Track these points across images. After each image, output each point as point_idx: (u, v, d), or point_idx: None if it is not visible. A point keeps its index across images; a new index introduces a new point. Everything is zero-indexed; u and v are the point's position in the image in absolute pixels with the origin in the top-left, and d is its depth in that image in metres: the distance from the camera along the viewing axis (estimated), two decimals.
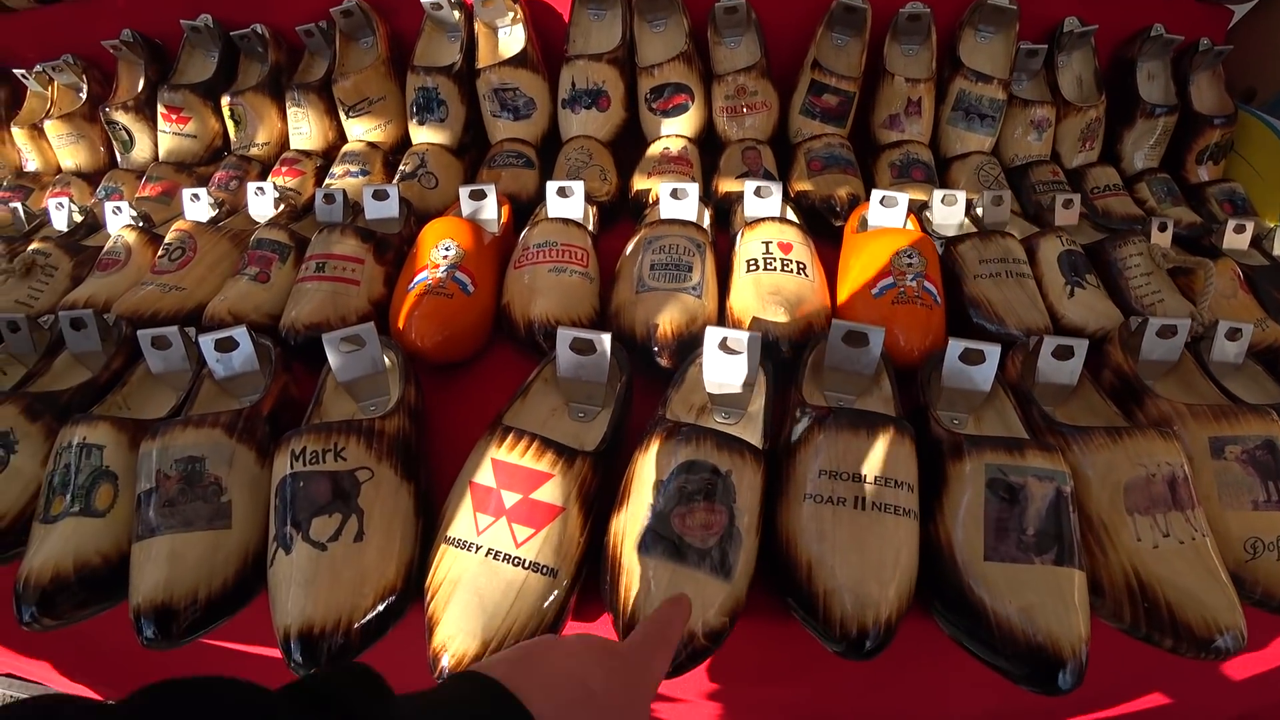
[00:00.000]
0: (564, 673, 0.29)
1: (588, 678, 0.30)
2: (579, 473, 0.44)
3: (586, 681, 0.29)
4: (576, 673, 0.30)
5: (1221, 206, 0.93)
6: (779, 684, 0.55)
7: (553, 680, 0.29)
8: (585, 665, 0.30)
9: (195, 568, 0.45)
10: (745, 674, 0.54)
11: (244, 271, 0.69)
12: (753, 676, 0.54)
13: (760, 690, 0.56)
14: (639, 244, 0.65)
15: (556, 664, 0.30)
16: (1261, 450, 0.52)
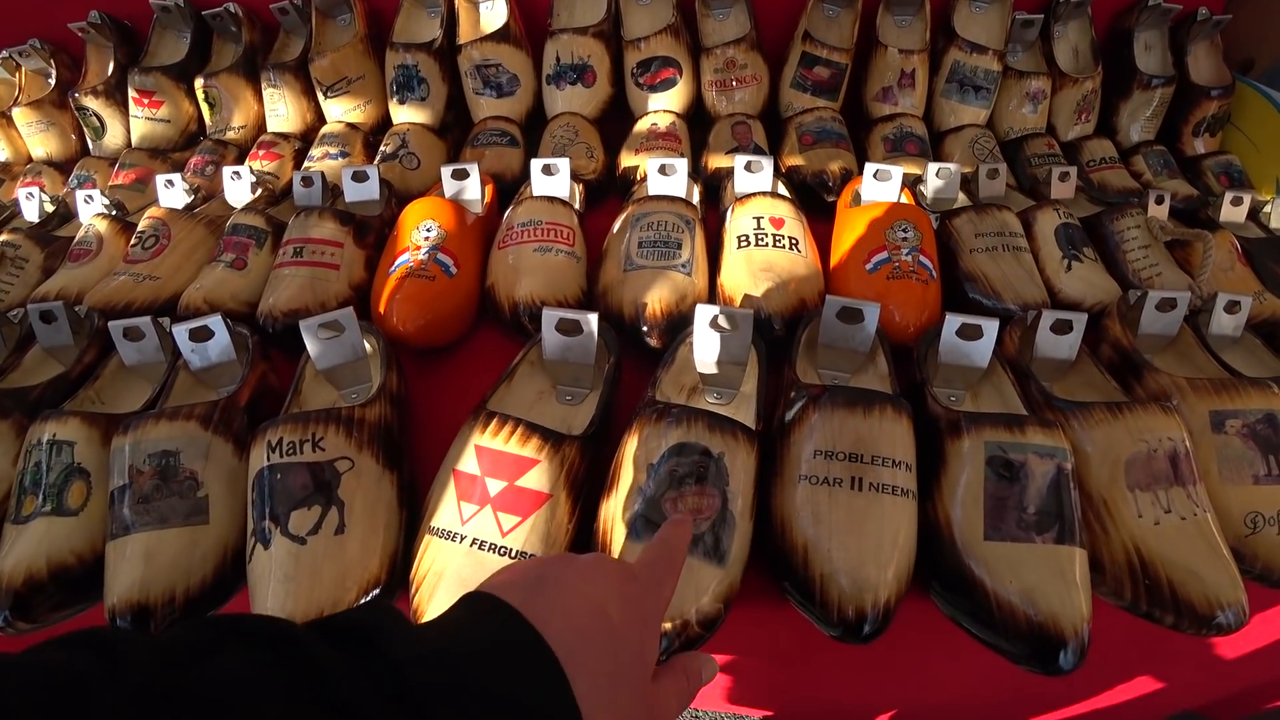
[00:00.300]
0: (582, 599, 0.28)
1: (606, 604, 0.28)
2: (566, 458, 0.43)
3: (604, 608, 0.28)
4: (594, 599, 0.28)
5: (1218, 179, 0.92)
6: (774, 668, 0.54)
7: (571, 610, 0.27)
8: (602, 591, 0.29)
9: (172, 566, 0.43)
10: (740, 659, 0.53)
11: (220, 258, 0.67)
12: (748, 661, 0.53)
13: (755, 674, 0.55)
14: (626, 221, 0.63)
15: (573, 589, 0.28)
16: (1262, 424, 0.51)
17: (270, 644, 0.23)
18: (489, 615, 0.27)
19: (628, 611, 0.29)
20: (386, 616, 0.25)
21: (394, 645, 0.23)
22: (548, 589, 0.28)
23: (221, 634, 0.23)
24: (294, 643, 0.23)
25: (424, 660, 0.23)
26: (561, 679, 0.25)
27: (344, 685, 0.21)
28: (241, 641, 0.23)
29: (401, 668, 0.22)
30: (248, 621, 0.24)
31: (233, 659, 0.22)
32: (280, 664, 0.22)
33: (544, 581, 0.29)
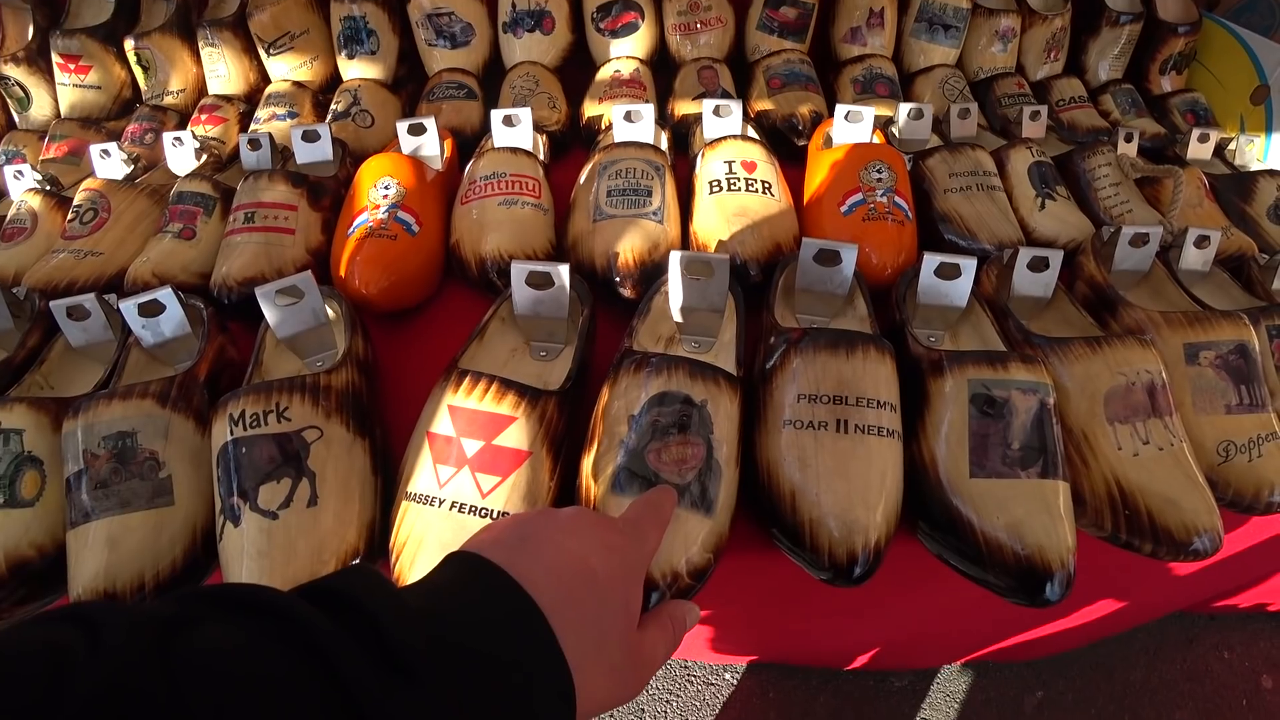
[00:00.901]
0: (565, 554, 0.28)
1: (589, 557, 0.29)
2: (544, 414, 0.41)
3: (588, 561, 0.28)
4: (577, 553, 0.28)
5: (1184, 117, 0.93)
6: (762, 615, 0.54)
7: (555, 565, 0.28)
8: (585, 544, 0.29)
9: (138, 551, 0.42)
10: (728, 608, 0.53)
11: (166, 229, 0.64)
12: (735, 610, 0.53)
13: (743, 622, 0.55)
14: (594, 170, 0.60)
15: (557, 544, 0.28)
16: (1234, 355, 0.52)
17: (255, 611, 0.22)
18: (474, 574, 0.27)
19: (611, 563, 0.29)
20: (370, 579, 0.25)
21: (379, 607, 0.23)
22: (530, 545, 0.28)
23: (205, 604, 0.23)
24: (279, 608, 0.22)
25: (410, 621, 0.23)
26: (549, 634, 0.25)
27: (333, 648, 0.21)
28: (226, 610, 0.22)
29: (388, 629, 0.22)
30: (231, 590, 0.23)
31: (218, 628, 0.21)
32: (267, 630, 0.21)
33: (526, 538, 0.29)
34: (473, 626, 0.25)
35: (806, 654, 0.65)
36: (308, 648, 0.21)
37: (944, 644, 0.72)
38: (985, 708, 1.02)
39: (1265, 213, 0.75)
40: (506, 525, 0.30)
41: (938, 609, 0.61)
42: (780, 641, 0.61)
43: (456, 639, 0.24)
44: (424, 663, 0.22)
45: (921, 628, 0.67)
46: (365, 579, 0.24)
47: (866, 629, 0.67)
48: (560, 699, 0.26)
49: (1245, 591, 0.93)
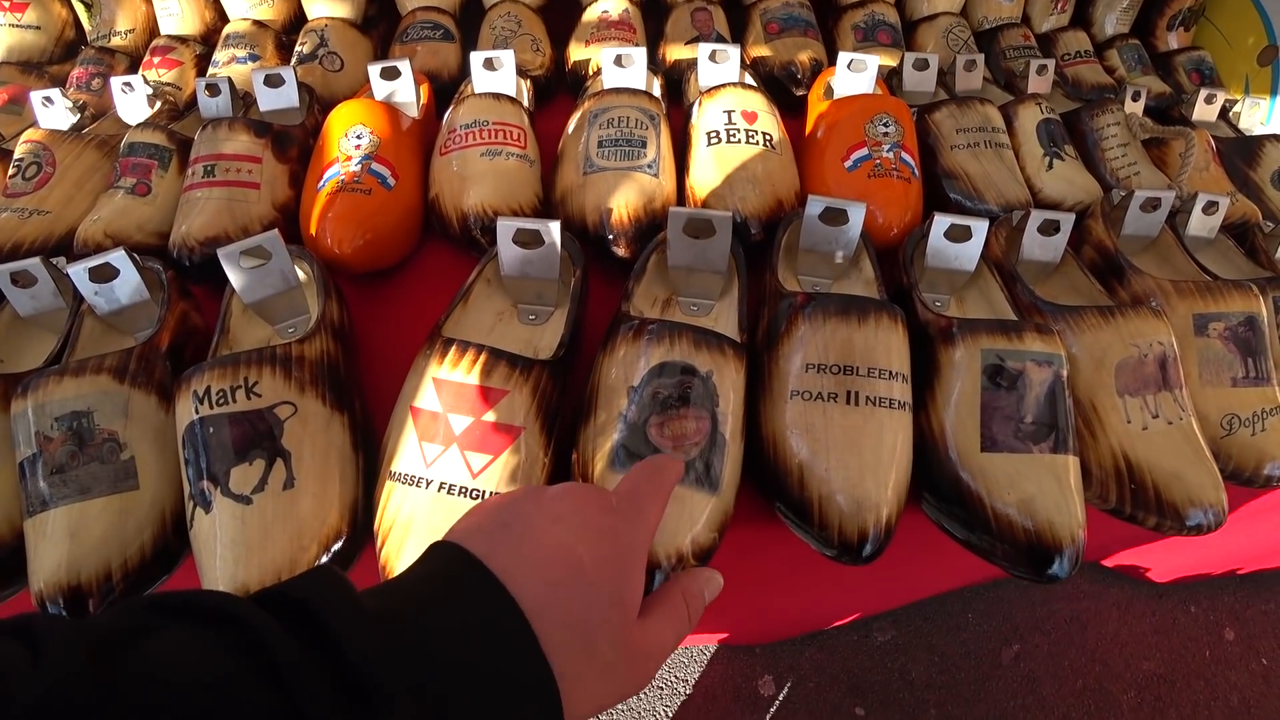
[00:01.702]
0: (551, 544, 0.26)
1: (576, 545, 0.26)
2: (536, 385, 0.38)
3: (575, 551, 0.26)
4: (565, 543, 0.26)
5: (1189, 76, 0.90)
6: (762, 591, 0.53)
7: (539, 558, 0.26)
8: (573, 531, 0.27)
9: (103, 540, 0.39)
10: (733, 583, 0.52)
11: (118, 184, 0.58)
12: (739, 584, 0.52)
13: (742, 599, 0.54)
14: (583, 118, 0.56)
15: (542, 532, 0.26)
16: (1243, 327, 0.51)
17: (203, 620, 0.21)
18: (450, 570, 0.25)
19: (602, 550, 0.27)
20: (330, 585, 0.23)
21: (338, 617, 0.21)
22: (514, 533, 0.26)
23: (151, 613, 0.22)
24: (229, 617, 0.21)
25: (371, 631, 0.21)
26: (529, 636, 0.24)
27: (283, 661, 0.20)
28: (172, 619, 0.22)
29: (346, 641, 0.21)
30: (179, 598, 0.22)
31: (163, 638, 0.20)
32: (214, 640, 0.21)
33: (509, 526, 0.27)
34: (445, 632, 0.23)
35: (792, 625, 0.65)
36: (257, 660, 0.20)
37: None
38: (965, 660, 1.05)
39: (1270, 178, 0.73)
40: (490, 509, 0.28)
41: (938, 578, 0.61)
42: (767, 617, 0.60)
43: (425, 647, 0.22)
44: (384, 676, 0.20)
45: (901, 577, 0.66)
46: (326, 585, 0.23)
47: (854, 593, 0.67)
48: (542, 708, 0.24)
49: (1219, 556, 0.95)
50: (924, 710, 1.00)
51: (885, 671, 1.03)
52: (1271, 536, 0.77)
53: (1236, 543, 0.79)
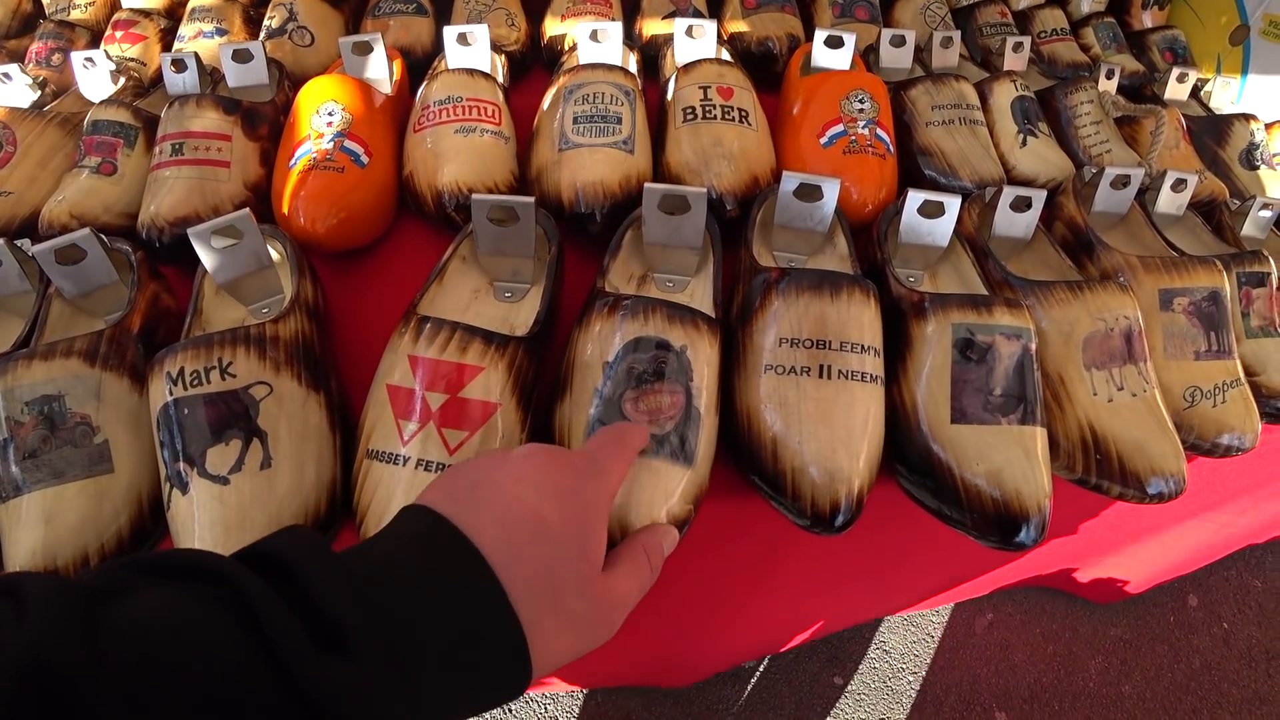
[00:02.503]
0: (516, 501, 0.27)
1: (542, 503, 0.28)
2: (512, 362, 0.39)
3: (540, 508, 0.27)
4: (530, 501, 0.27)
5: (1163, 55, 0.91)
6: (740, 564, 0.54)
7: (504, 513, 0.27)
8: (538, 490, 0.28)
9: (79, 525, 0.38)
10: (708, 554, 0.52)
11: (83, 163, 0.57)
12: (715, 555, 0.53)
13: (721, 565, 0.55)
14: (558, 95, 0.56)
15: (507, 491, 0.28)
16: (1207, 301, 0.52)
17: (186, 576, 0.22)
18: (419, 529, 0.26)
19: (565, 506, 0.28)
20: (303, 540, 0.24)
21: (312, 569, 0.22)
22: (480, 493, 0.27)
23: (135, 572, 0.22)
24: (211, 572, 0.22)
25: (345, 584, 0.22)
26: (498, 590, 0.25)
27: (264, 612, 0.20)
28: (156, 577, 0.22)
29: (321, 593, 0.21)
30: (162, 556, 0.23)
31: (147, 595, 0.21)
32: (196, 595, 0.21)
33: (476, 487, 0.28)
34: (415, 584, 0.24)
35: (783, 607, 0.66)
36: (239, 612, 0.20)
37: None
38: (940, 630, 1.08)
39: (1238, 157, 0.75)
40: (458, 472, 0.29)
41: (915, 554, 0.62)
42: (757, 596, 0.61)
43: (395, 600, 0.23)
44: (358, 625, 0.21)
45: (896, 575, 0.68)
46: (299, 541, 0.23)
47: (842, 574, 0.68)
48: (513, 655, 0.25)
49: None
50: (900, 678, 1.03)
51: (863, 642, 1.06)
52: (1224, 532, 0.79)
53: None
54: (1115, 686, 1.03)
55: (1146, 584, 0.94)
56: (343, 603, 0.21)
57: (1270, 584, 1.16)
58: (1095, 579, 0.94)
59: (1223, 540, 0.82)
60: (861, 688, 1.01)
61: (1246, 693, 1.04)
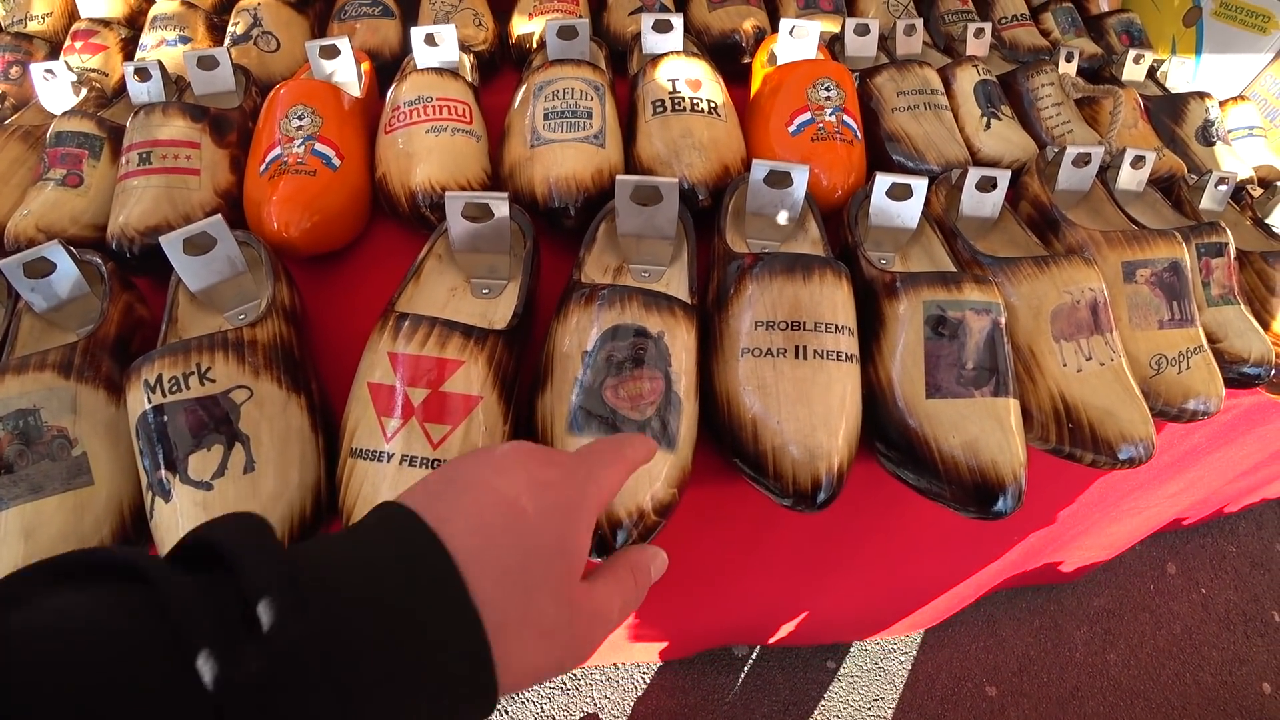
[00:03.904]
0: (491, 493, 0.25)
1: (520, 495, 0.25)
2: (492, 355, 0.39)
3: (518, 500, 0.25)
4: (507, 492, 0.25)
5: (1119, 38, 0.93)
6: (724, 546, 0.55)
7: (479, 504, 0.25)
8: (517, 481, 0.26)
9: (59, 539, 0.38)
10: (693, 538, 0.53)
11: (47, 176, 0.56)
12: (699, 536, 0.53)
13: (706, 548, 0.56)
14: (528, 92, 0.56)
15: (483, 483, 0.26)
16: (1168, 272, 0.53)
17: (96, 574, 0.20)
18: (380, 522, 0.24)
19: (544, 499, 0.26)
20: (243, 525, 0.22)
21: (243, 553, 0.20)
22: (455, 487, 0.25)
23: (44, 575, 0.20)
24: (124, 568, 0.20)
25: (276, 566, 0.20)
26: (457, 584, 0.22)
27: (180, 607, 0.19)
28: (65, 578, 0.20)
29: (246, 574, 0.20)
30: (71, 557, 0.21)
31: (56, 598, 0.19)
32: (106, 595, 0.19)
33: (452, 480, 0.26)
34: (365, 580, 0.22)
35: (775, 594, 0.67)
36: (152, 608, 0.19)
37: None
38: None
39: (1194, 134, 0.77)
40: (439, 470, 0.27)
41: (901, 530, 0.63)
42: (742, 582, 0.62)
43: (338, 592, 0.21)
44: (280, 610, 0.19)
45: (886, 552, 0.69)
46: (238, 526, 0.22)
47: (830, 552, 0.69)
48: (472, 660, 0.22)
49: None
50: (892, 659, 1.04)
51: None
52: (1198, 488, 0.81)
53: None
54: (1101, 655, 1.06)
55: (1118, 551, 0.96)
56: (267, 590, 0.19)
57: (1244, 548, 1.20)
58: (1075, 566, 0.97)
59: (1190, 505, 0.84)
60: (854, 670, 1.03)
61: (1226, 654, 1.07)
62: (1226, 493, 0.95)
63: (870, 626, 0.93)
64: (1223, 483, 0.85)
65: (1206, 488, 0.84)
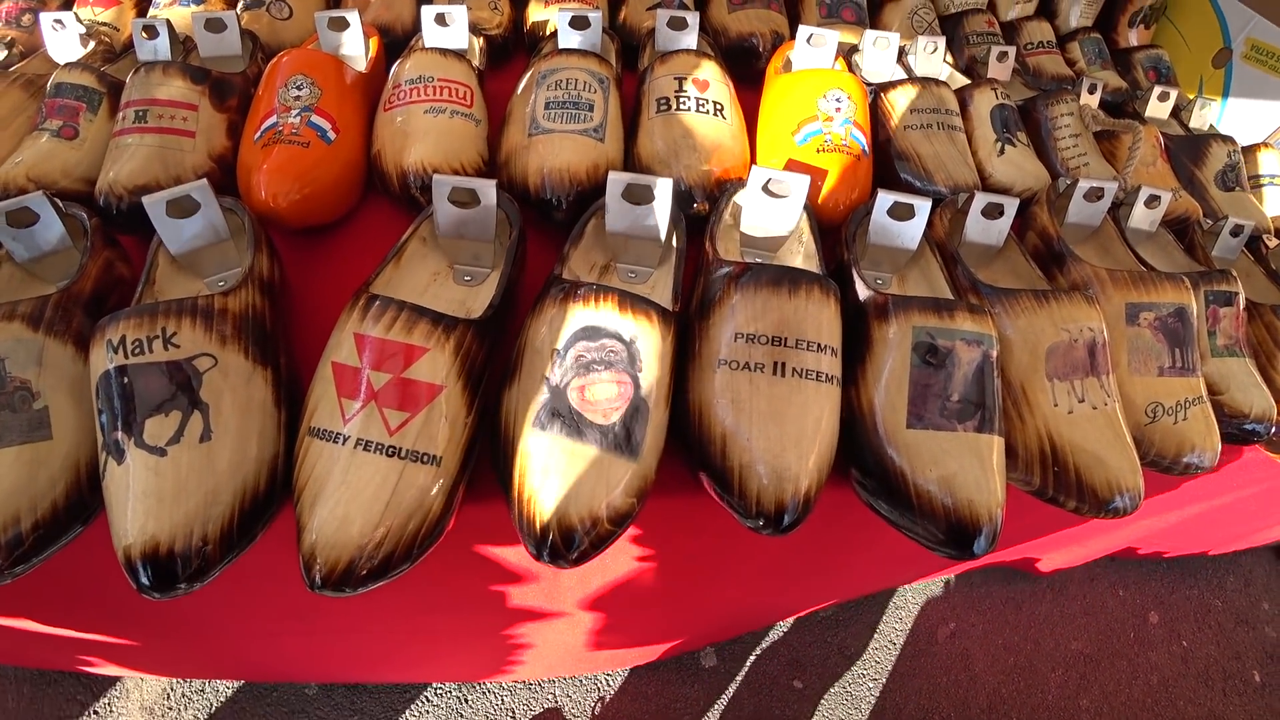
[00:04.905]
0: None
1: None
2: (460, 344, 0.38)
3: None
4: None
5: (1146, 73, 0.92)
6: (691, 556, 0.54)
7: None
8: None
9: (12, 493, 0.37)
10: (657, 550, 0.52)
11: (44, 126, 0.56)
12: (665, 552, 0.52)
13: (672, 562, 0.55)
14: (532, 79, 0.55)
15: None
16: (1172, 318, 0.52)
17: None
18: None
19: None
20: None
21: None
22: None
23: None
24: None
25: None
26: None
27: None
28: None
29: None
30: None
31: None
32: None
33: None
34: None
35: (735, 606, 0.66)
36: None
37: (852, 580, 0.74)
38: (902, 636, 1.08)
39: (1214, 178, 0.75)
40: None
41: (870, 560, 0.62)
42: (707, 595, 0.61)
43: None
44: None
45: (849, 577, 0.68)
46: None
47: (798, 576, 0.68)
48: None
49: (1149, 538, 0.99)
50: (860, 684, 1.03)
51: (824, 646, 1.06)
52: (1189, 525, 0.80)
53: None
54: (1073, 700, 1.04)
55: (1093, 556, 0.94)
56: None
57: (1230, 604, 1.18)
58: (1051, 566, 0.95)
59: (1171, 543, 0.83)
60: (821, 692, 1.01)
61: (1202, 711, 1.05)
62: (1211, 537, 0.93)
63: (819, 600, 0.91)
64: (1207, 528, 0.83)
65: (1189, 531, 0.83)
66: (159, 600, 0.36)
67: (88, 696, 0.96)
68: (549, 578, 0.56)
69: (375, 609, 0.65)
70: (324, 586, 0.34)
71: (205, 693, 0.97)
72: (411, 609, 0.65)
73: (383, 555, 0.35)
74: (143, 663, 0.85)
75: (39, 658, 0.84)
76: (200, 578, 0.36)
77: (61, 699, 0.96)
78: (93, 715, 0.95)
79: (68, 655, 0.79)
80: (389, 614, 0.66)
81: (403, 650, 0.81)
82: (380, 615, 0.66)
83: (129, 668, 0.88)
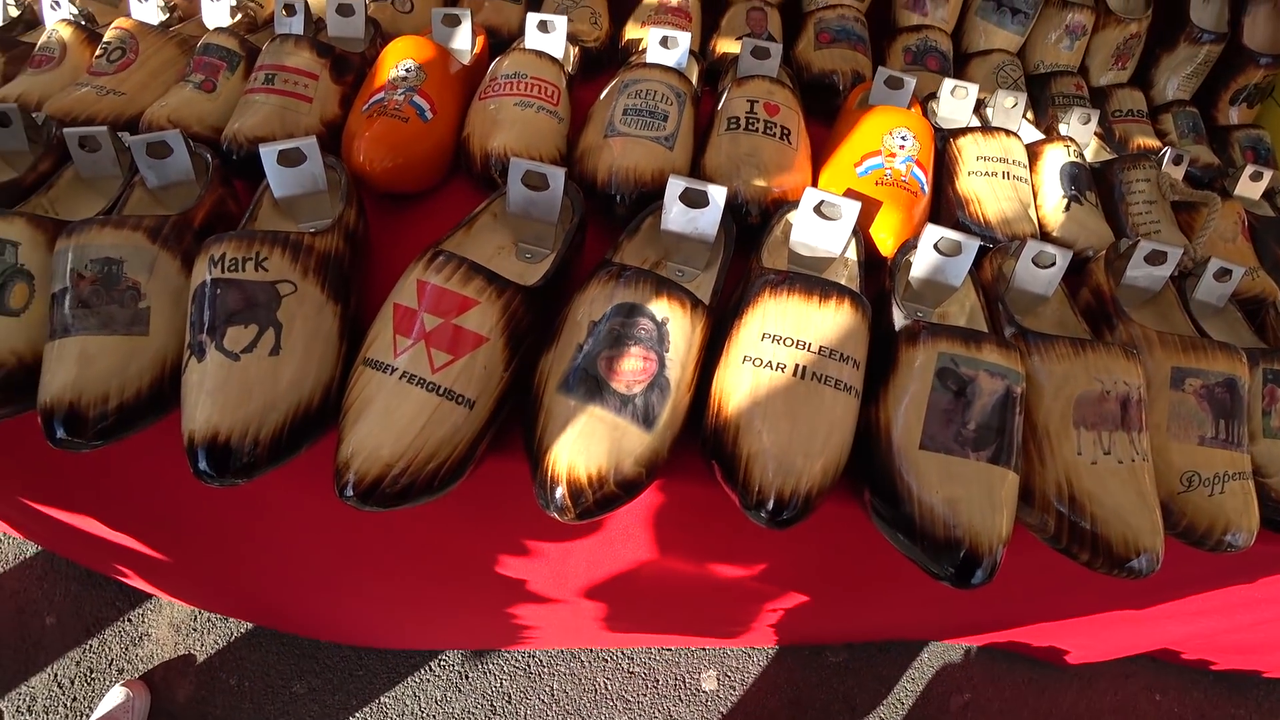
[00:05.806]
0: None
1: None
2: (509, 305, 0.42)
3: None
4: None
5: (1244, 153, 0.89)
6: (701, 551, 0.55)
7: None
8: None
9: (108, 372, 0.43)
10: (666, 535, 0.54)
11: (188, 79, 0.64)
12: (673, 538, 0.54)
13: (682, 554, 0.56)
14: (615, 87, 0.60)
15: None
16: (1220, 388, 0.51)
17: None
18: None
19: None
20: None
21: None
22: None
23: None
24: None
25: None
26: None
27: None
28: None
29: None
30: None
31: None
32: None
33: None
34: None
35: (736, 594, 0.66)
36: None
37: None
38: (912, 697, 1.05)
39: None
40: None
41: (886, 600, 0.62)
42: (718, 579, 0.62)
43: None
44: None
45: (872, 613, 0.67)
46: None
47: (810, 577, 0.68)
48: None
49: (1194, 640, 0.93)
50: None
51: (830, 692, 1.04)
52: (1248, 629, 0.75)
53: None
54: None
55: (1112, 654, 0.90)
56: None
57: None
58: (1081, 658, 0.91)
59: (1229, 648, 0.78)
60: None
61: None
62: (1267, 657, 0.87)
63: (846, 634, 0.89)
64: (1263, 644, 0.78)
65: (1242, 643, 0.78)
66: (210, 486, 0.40)
67: (125, 605, 1.04)
68: (557, 557, 0.58)
69: (388, 571, 0.68)
70: (353, 495, 0.38)
71: (229, 623, 1.03)
72: (423, 576, 0.68)
73: (407, 478, 0.39)
74: (173, 586, 0.91)
75: (89, 556, 0.91)
76: (247, 473, 0.40)
77: (102, 603, 1.04)
78: (126, 621, 1.03)
79: (111, 562, 0.86)
80: (400, 577, 0.69)
81: (411, 617, 0.84)
82: (393, 577, 0.69)
83: (160, 589, 0.94)
